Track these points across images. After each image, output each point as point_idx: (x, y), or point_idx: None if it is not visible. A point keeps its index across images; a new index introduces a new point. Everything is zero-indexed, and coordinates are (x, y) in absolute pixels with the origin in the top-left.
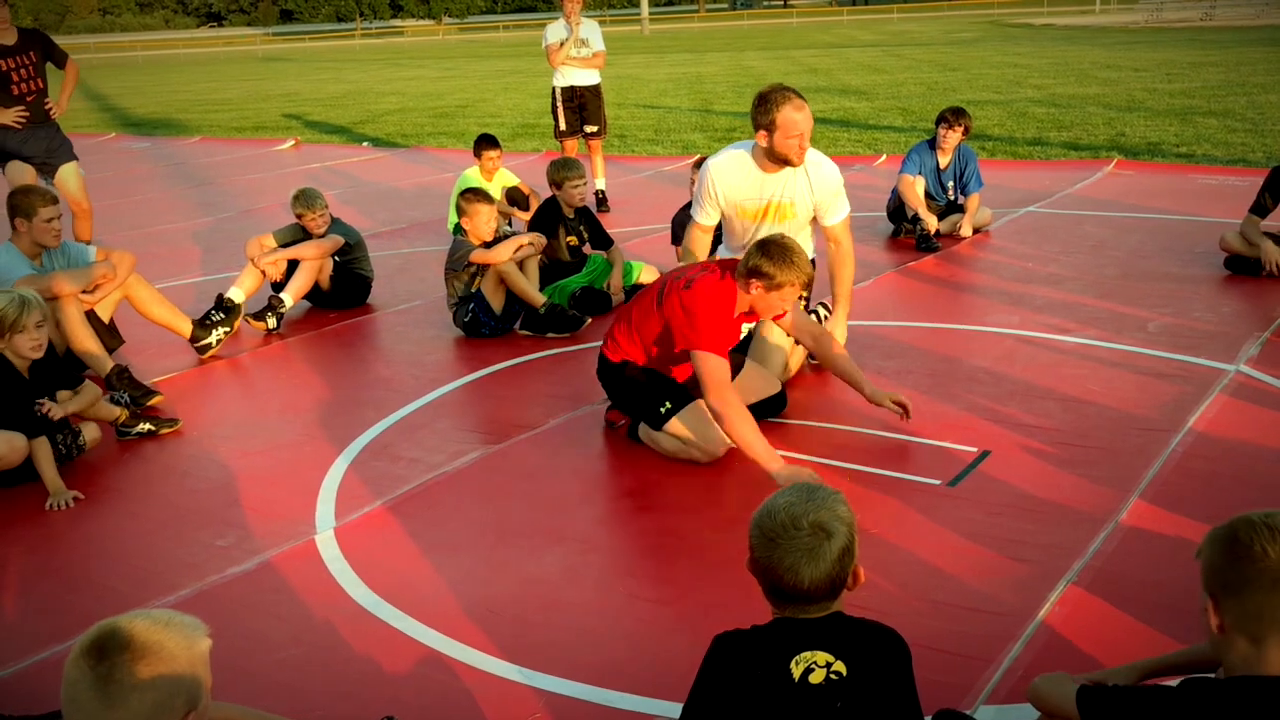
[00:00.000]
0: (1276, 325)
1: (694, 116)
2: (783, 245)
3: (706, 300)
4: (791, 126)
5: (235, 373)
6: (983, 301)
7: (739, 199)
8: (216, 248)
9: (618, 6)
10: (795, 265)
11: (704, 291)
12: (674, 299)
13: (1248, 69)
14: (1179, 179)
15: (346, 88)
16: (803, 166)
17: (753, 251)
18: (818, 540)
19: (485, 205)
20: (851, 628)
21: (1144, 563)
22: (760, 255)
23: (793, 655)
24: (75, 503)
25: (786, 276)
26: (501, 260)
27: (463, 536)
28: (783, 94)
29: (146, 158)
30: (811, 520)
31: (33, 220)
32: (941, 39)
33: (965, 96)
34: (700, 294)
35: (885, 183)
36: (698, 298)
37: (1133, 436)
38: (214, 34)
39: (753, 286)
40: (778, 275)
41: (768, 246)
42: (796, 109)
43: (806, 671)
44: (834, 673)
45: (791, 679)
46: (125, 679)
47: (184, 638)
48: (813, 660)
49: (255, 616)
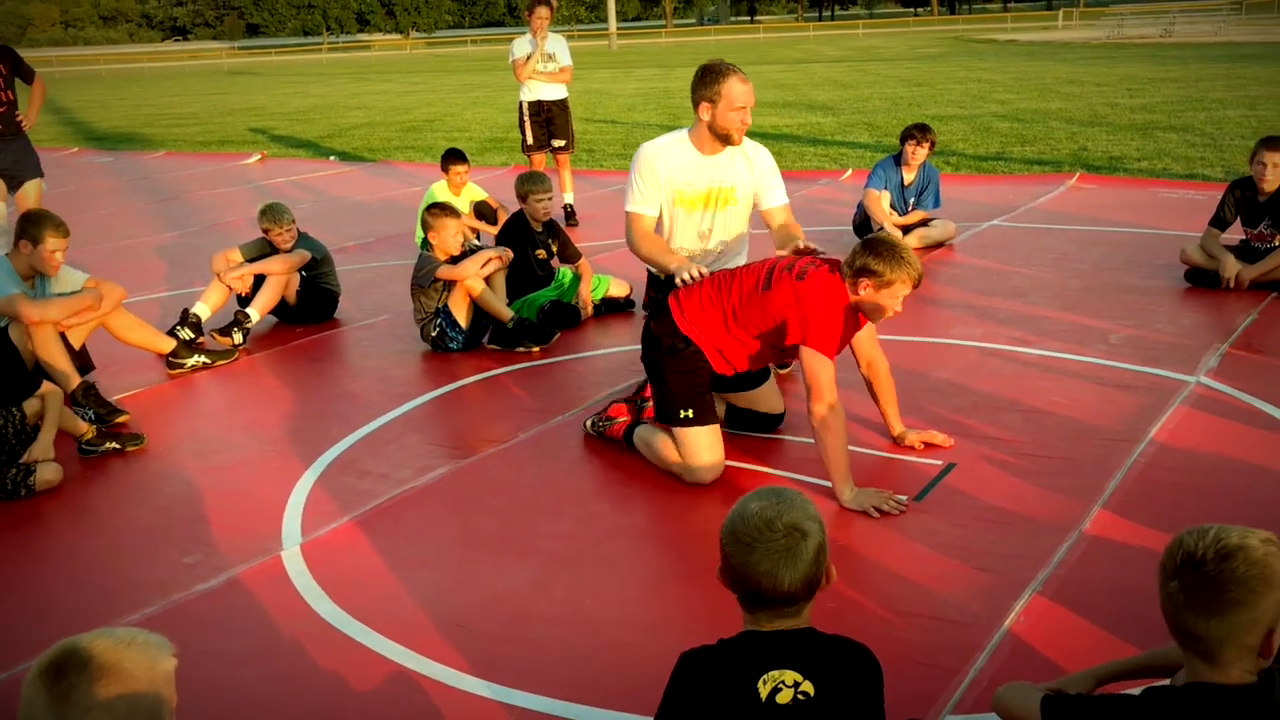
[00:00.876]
0: (1236, 337)
1: (662, 131)
2: (890, 243)
3: (823, 295)
4: (736, 98)
5: (201, 388)
6: (947, 314)
7: (680, 183)
8: (181, 262)
9: (585, 21)
10: (907, 261)
11: (820, 286)
12: (786, 286)
13: (1206, 85)
14: (1140, 193)
15: (313, 102)
16: (740, 148)
17: (858, 252)
18: (794, 541)
19: (452, 220)
20: (822, 644)
21: (1107, 571)
22: (868, 254)
23: (760, 673)
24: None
25: (897, 273)
26: (467, 276)
27: (430, 551)
28: (727, 66)
29: (110, 172)
30: (786, 522)
31: (37, 247)
32: (907, 54)
33: (930, 111)
34: (816, 288)
35: (851, 197)
36: (814, 292)
37: (1095, 447)
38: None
39: (862, 286)
40: (888, 272)
41: (874, 245)
42: (741, 80)
43: (774, 691)
44: (801, 693)
45: (759, 698)
46: (82, 699)
47: (146, 657)
48: (780, 679)
49: (222, 634)
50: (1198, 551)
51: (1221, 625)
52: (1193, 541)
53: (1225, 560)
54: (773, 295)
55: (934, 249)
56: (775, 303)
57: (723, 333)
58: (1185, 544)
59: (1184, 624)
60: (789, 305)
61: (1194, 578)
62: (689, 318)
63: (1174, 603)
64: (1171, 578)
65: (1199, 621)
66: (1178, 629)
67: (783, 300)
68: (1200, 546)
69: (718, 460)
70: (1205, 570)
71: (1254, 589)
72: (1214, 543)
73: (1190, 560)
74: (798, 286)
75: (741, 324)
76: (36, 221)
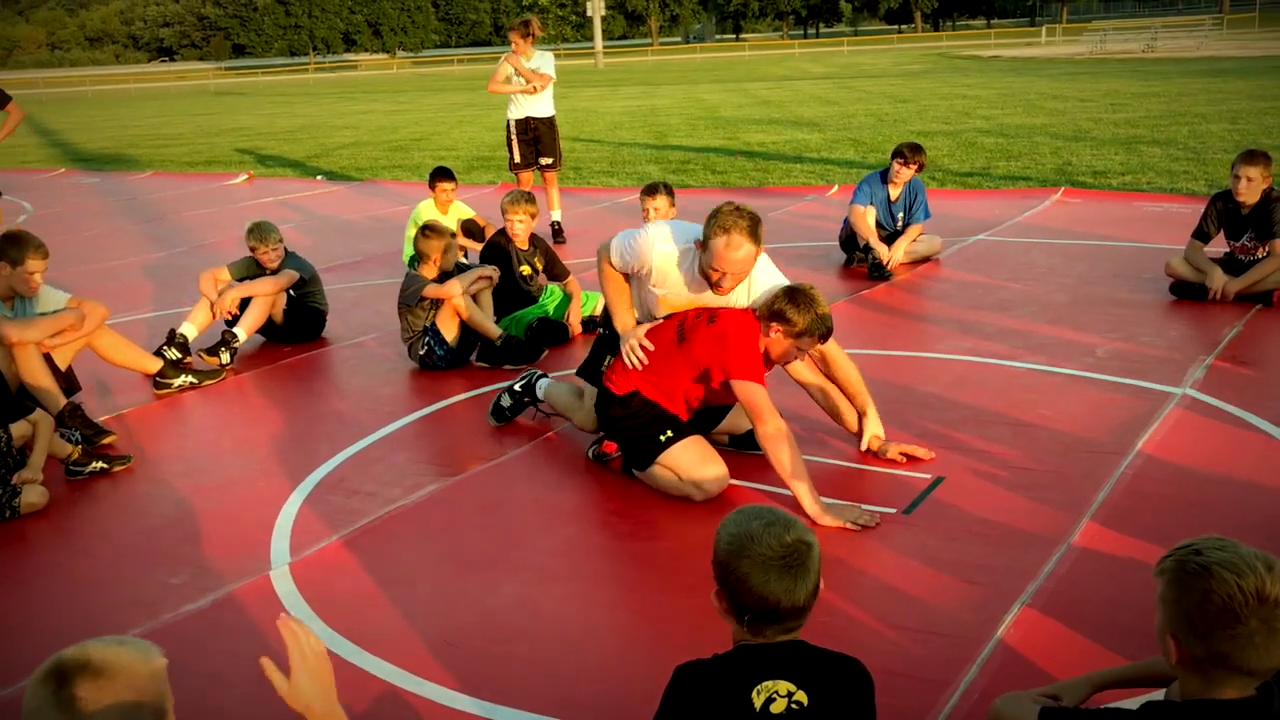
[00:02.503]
0: (1221, 349)
1: (648, 149)
2: (808, 295)
3: (739, 330)
4: (718, 260)
5: (188, 408)
6: (934, 329)
7: (670, 292)
8: (169, 283)
9: (571, 40)
10: (820, 315)
11: (733, 320)
12: (701, 334)
13: (1189, 99)
14: (1124, 207)
15: (300, 122)
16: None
17: (778, 296)
18: (803, 554)
19: (443, 239)
20: (814, 656)
21: (1096, 583)
22: (785, 301)
23: (754, 684)
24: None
25: (808, 323)
26: (454, 295)
27: (420, 570)
28: (732, 219)
29: (97, 193)
30: (794, 538)
31: (17, 269)
32: (892, 71)
33: (915, 128)
34: (732, 324)
35: (837, 213)
36: (730, 328)
37: (1083, 459)
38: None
39: (773, 330)
40: (800, 321)
41: (794, 294)
42: (732, 247)
43: (768, 701)
44: (795, 702)
45: (753, 709)
46: (89, 700)
47: (140, 655)
48: (774, 690)
49: (211, 655)
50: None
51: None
52: (1257, 581)
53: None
54: (691, 345)
55: (920, 264)
56: (695, 351)
57: (655, 385)
58: (1247, 585)
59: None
60: (708, 349)
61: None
62: (618, 382)
63: (1249, 644)
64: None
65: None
66: (1239, 668)
67: (701, 347)
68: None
69: (720, 471)
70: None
71: None
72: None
73: (1266, 599)
74: (711, 331)
75: (670, 376)
76: (17, 243)
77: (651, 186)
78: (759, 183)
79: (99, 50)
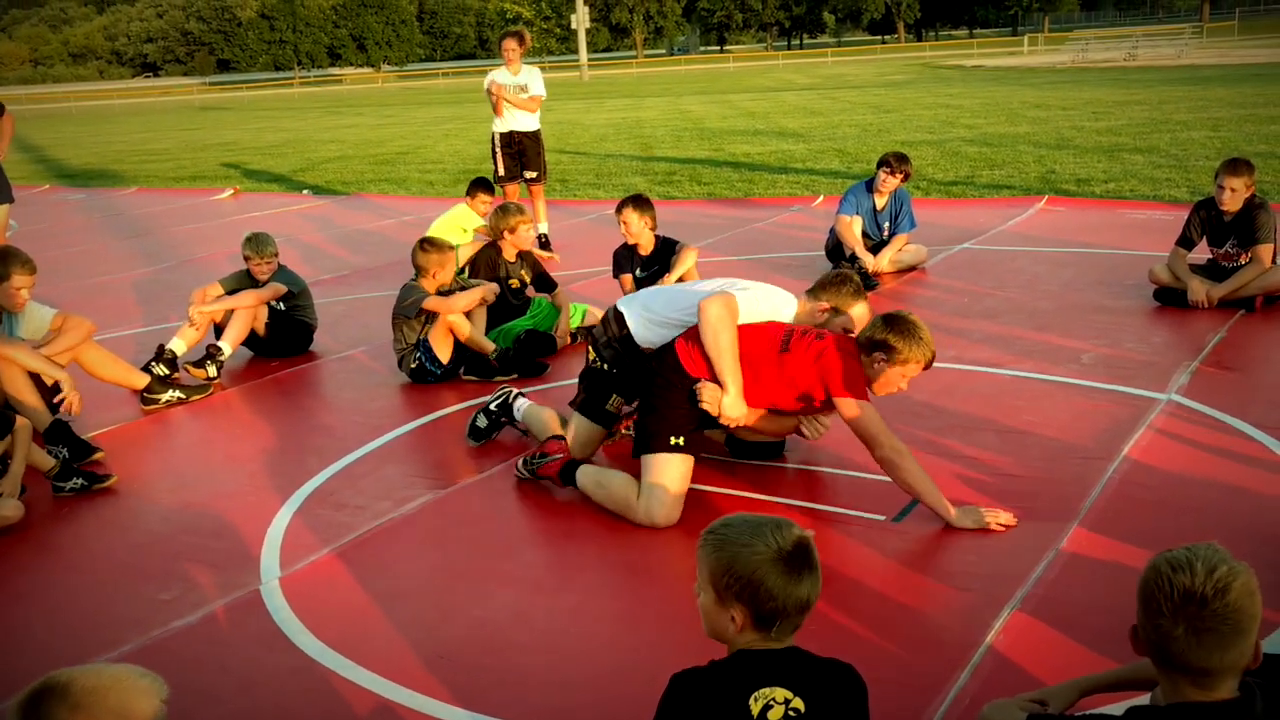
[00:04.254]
0: (1205, 354)
1: (634, 161)
2: (910, 321)
3: (840, 347)
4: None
5: (177, 423)
6: None
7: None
8: (156, 298)
9: (557, 53)
10: (923, 341)
11: (836, 341)
12: (805, 346)
13: (1170, 107)
14: (1108, 214)
15: (285, 136)
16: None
17: (876, 325)
18: (811, 551)
19: (443, 254)
20: (810, 663)
21: (1085, 588)
22: (886, 328)
23: (751, 692)
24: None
25: (913, 352)
26: (455, 311)
27: (410, 582)
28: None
29: (83, 209)
30: (797, 535)
31: (2, 285)
32: (875, 81)
33: (900, 137)
34: (832, 343)
35: (823, 223)
36: (831, 345)
37: (1070, 465)
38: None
39: (875, 360)
40: (904, 349)
41: (894, 321)
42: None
43: (765, 708)
44: (792, 709)
45: (750, 716)
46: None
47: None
48: (771, 697)
49: (202, 670)
50: (1198, 590)
51: (1233, 654)
52: (1187, 579)
53: (1226, 594)
54: (791, 356)
55: (906, 272)
56: (794, 363)
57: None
58: (1179, 582)
59: (1195, 661)
60: (810, 364)
61: (1202, 618)
62: (697, 363)
63: (1179, 644)
64: (1176, 620)
65: (1212, 657)
66: (1179, 664)
67: (802, 359)
68: (1198, 584)
69: (677, 514)
70: (1213, 609)
71: (1252, 613)
72: (1208, 577)
73: (1193, 599)
74: (815, 344)
75: (754, 379)
76: (2, 259)
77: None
78: (744, 193)
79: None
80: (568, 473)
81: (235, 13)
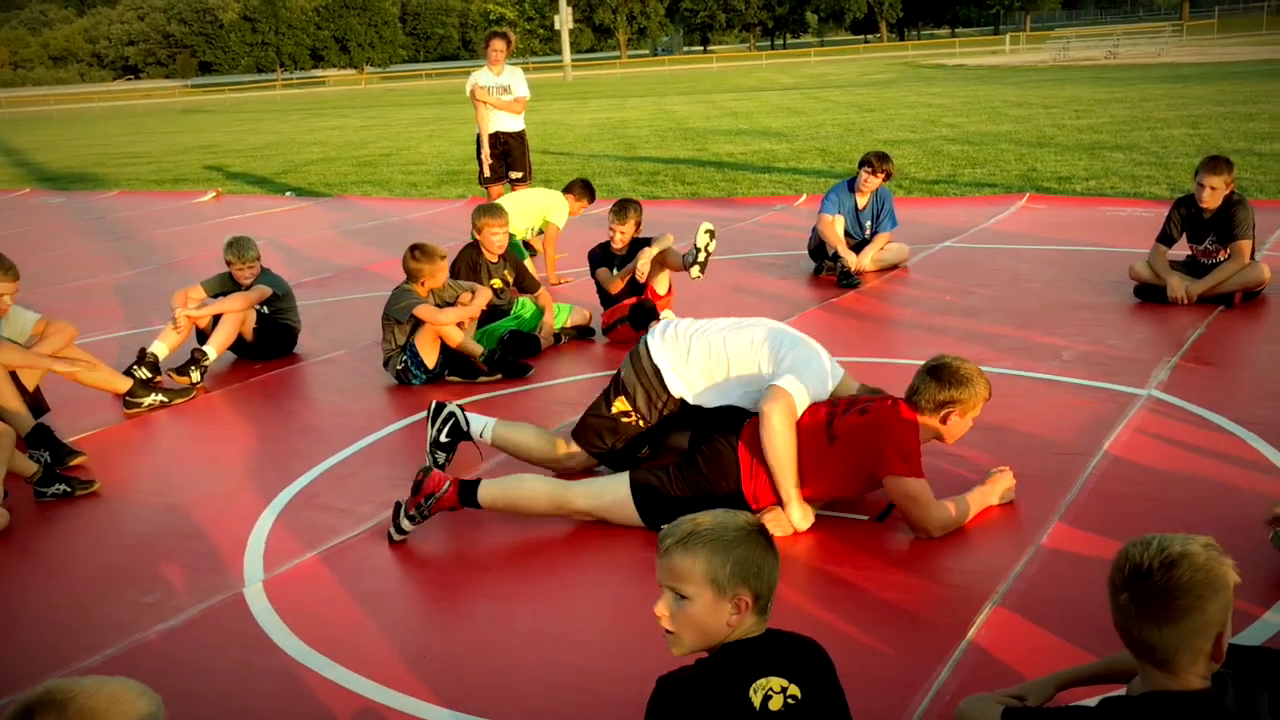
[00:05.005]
0: (1185, 350)
1: (618, 161)
2: (959, 368)
3: (895, 420)
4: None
5: (160, 427)
6: (904, 335)
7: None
8: (139, 301)
9: (540, 54)
10: (979, 380)
11: (889, 413)
12: (854, 430)
13: (1150, 105)
14: (1089, 212)
15: (268, 138)
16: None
17: (929, 384)
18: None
19: (434, 263)
20: (789, 644)
21: (1066, 583)
22: (946, 385)
23: (750, 684)
24: None
25: (978, 396)
26: (444, 324)
27: (393, 584)
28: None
29: (63, 213)
30: (756, 519)
31: None
32: (858, 81)
33: (882, 136)
34: (886, 415)
35: (806, 222)
36: (883, 419)
37: (1051, 461)
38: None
39: (949, 418)
40: (971, 399)
41: (946, 373)
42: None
43: (765, 699)
44: (790, 697)
45: (753, 708)
46: None
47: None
48: (769, 687)
49: (186, 673)
50: (1144, 562)
51: (1174, 633)
52: (1138, 553)
53: (1171, 569)
54: (840, 444)
55: (888, 271)
56: (847, 446)
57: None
58: (1131, 556)
59: (1137, 634)
60: (863, 447)
61: (1142, 589)
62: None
63: (1125, 614)
64: (1121, 590)
65: (1151, 631)
66: (1131, 639)
67: (855, 440)
68: (1145, 557)
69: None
70: (1153, 580)
71: (1200, 594)
72: (1158, 552)
73: (1137, 571)
74: (863, 422)
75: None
76: None
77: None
78: (728, 193)
79: (63, 69)
80: (467, 495)
81: (217, 15)
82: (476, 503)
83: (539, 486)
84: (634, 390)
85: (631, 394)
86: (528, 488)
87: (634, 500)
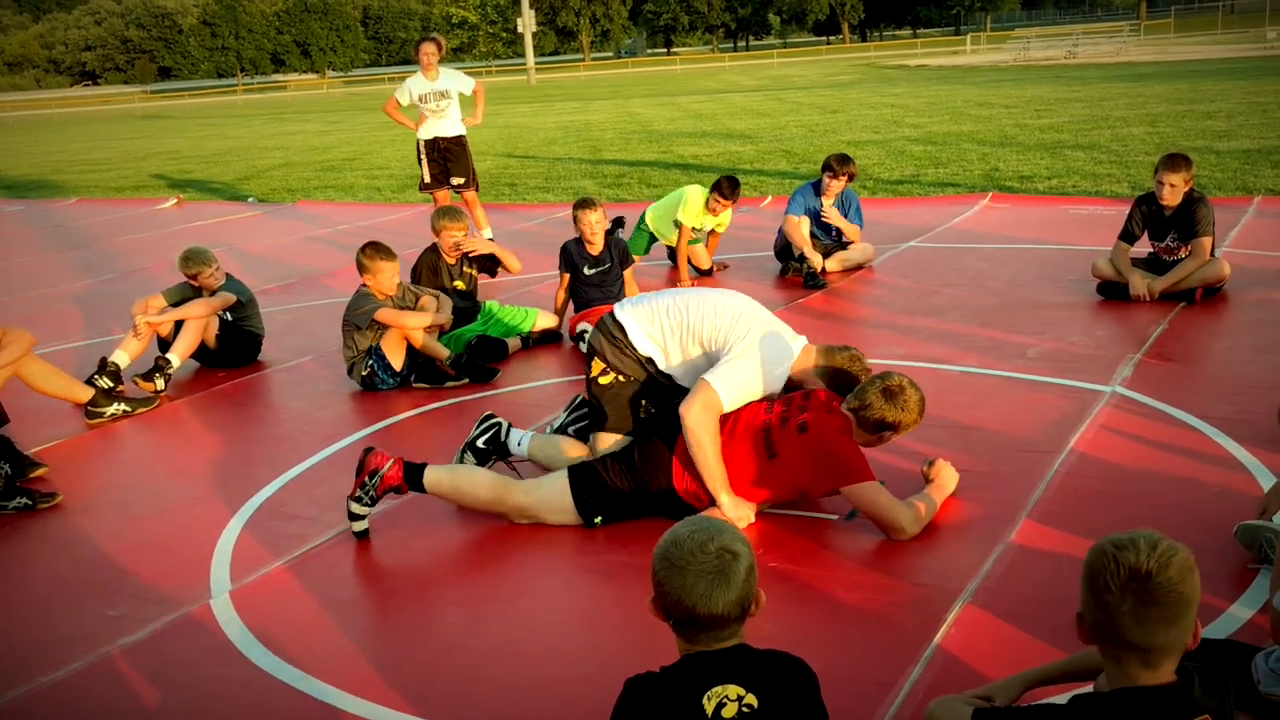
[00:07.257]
0: (1148, 346)
1: (583, 164)
2: (904, 392)
3: (833, 434)
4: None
5: (123, 437)
6: (869, 334)
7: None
8: (100, 310)
9: (504, 57)
10: (915, 409)
11: (828, 426)
12: (795, 447)
13: (1110, 104)
14: (1051, 210)
15: (229, 144)
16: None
17: (873, 400)
18: (725, 562)
19: (389, 263)
20: (759, 659)
21: (1035, 580)
22: (886, 404)
23: (704, 691)
24: None
25: (911, 421)
26: (408, 327)
27: (362, 593)
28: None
29: (21, 220)
30: (717, 545)
31: None
32: (821, 82)
33: (846, 138)
34: (826, 429)
35: (771, 224)
36: (826, 435)
37: (1018, 459)
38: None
39: (883, 437)
40: (905, 422)
41: (892, 395)
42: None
43: (719, 706)
44: (745, 705)
45: (705, 715)
46: None
47: None
48: (724, 694)
49: (153, 686)
50: (1143, 566)
51: (1175, 630)
52: (1133, 556)
53: (1169, 568)
54: (785, 461)
55: (854, 271)
56: (790, 466)
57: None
58: (1125, 559)
59: (1139, 639)
60: (809, 464)
61: (1147, 591)
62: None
63: (1125, 620)
64: (1123, 596)
65: (1158, 632)
66: (1124, 643)
67: (799, 462)
68: (1143, 560)
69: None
70: (1158, 582)
71: (1192, 590)
72: (1151, 552)
73: (1138, 575)
74: (805, 442)
75: (760, 491)
76: None
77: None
78: None
79: (19, 75)
80: (412, 477)
81: (176, 19)
82: (421, 486)
83: (483, 477)
84: (601, 347)
85: (601, 351)
86: (473, 477)
87: (570, 485)
